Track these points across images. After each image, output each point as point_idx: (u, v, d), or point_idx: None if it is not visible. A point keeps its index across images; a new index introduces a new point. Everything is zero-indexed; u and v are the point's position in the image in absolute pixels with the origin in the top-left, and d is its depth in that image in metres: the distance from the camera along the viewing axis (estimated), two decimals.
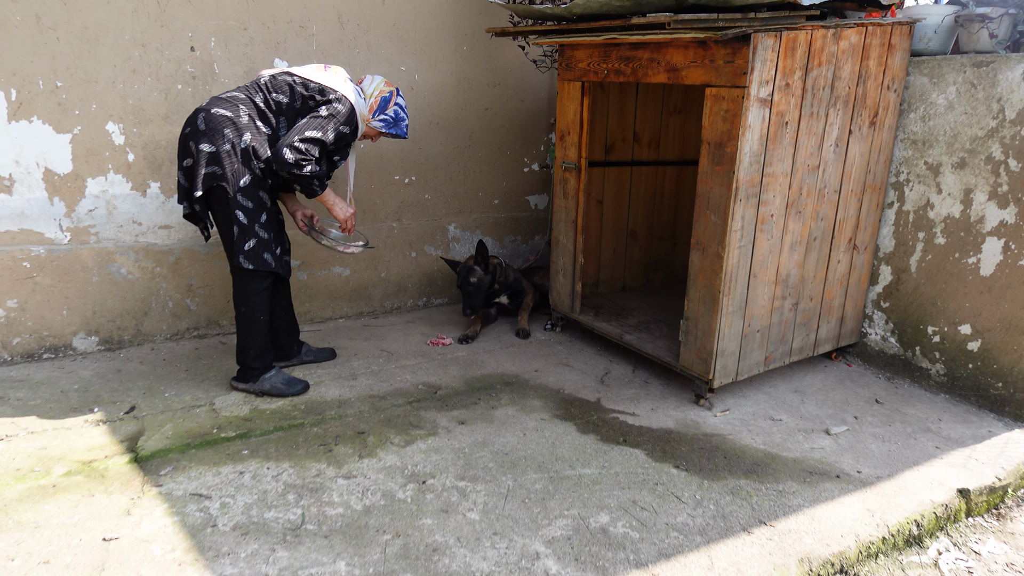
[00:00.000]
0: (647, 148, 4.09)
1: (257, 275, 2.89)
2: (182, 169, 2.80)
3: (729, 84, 2.64)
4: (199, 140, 2.73)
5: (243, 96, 2.82)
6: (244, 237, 2.81)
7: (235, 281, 2.91)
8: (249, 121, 2.79)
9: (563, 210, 3.66)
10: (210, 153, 2.73)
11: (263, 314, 2.95)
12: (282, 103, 2.85)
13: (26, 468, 2.45)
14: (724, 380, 3.02)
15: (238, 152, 2.75)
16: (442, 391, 3.17)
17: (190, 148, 2.76)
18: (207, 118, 2.74)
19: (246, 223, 2.80)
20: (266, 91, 2.85)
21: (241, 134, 2.75)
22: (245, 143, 2.76)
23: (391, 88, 3.06)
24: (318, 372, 3.31)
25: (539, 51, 4.20)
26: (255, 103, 2.82)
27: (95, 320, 3.43)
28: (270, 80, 2.87)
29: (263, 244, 2.85)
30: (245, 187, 2.77)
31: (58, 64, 3.09)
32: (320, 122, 2.80)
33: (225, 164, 2.73)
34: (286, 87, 2.86)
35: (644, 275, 4.39)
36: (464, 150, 4.21)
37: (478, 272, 3.75)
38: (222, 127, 2.73)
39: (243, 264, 2.84)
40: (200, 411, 2.90)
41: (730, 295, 2.87)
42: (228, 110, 2.76)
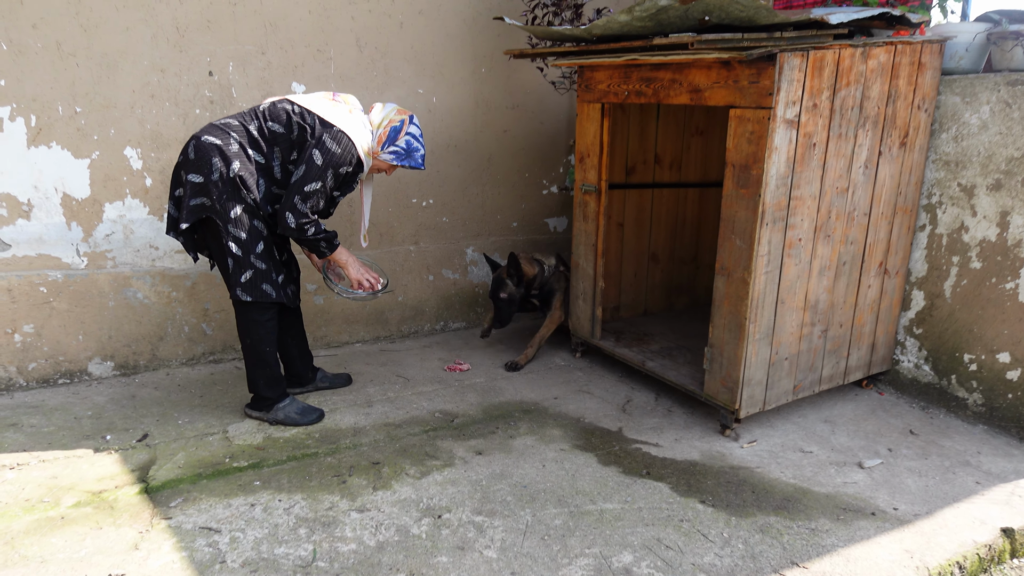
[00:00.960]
0: (669, 170, 4.03)
1: (258, 306, 2.81)
2: (172, 198, 2.74)
3: (754, 105, 2.57)
4: (188, 170, 2.66)
5: (236, 123, 2.72)
6: (240, 269, 2.73)
7: (237, 313, 2.85)
8: (239, 149, 2.68)
9: (583, 233, 3.60)
10: (197, 183, 2.65)
11: (269, 345, 2.88)
12: (277, 132, 2.73)
13: (35, 498, 2.41)
14: (751, 410, 2.92)
15: (225, 181, 2.65)
16: (459, 419, 3.09)
17: (181, 177, 2.69)
18: (197, 146, 2.66)
19: (240, 254, 2.71)
20: (262, 119, 2.75)
21: (229, 163, 2.65)
22: (233, 172, 2.64)
23: (403, 116, 2.86)
24: (333, 399, 3.26)
25: (558, 73, 4.17)
26: (248, 130, 2.72)
27: (111, 345, 3.41)
28: (269, 108, 2.77)
29: (261, 275, 2.76)
30: (236, 218, 2.68)
31: (77, 90, 3.10)
32: (318, 170, 2.66)
33: (213, 194, 2.65)
34: (283, 115, 2.73)
35: (666, 299, 4.30)
36: (482, 172, 4.17)
37: (509, 287, 3.60)
38: (210, 156, 2.64)
39: (241, 296, 2.76)
40: (213, 439, 2.86)
41: (757, 322, 2.78)
42: (218, 138, 2.66)
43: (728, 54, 2.47)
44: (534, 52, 3.34)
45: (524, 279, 3.63)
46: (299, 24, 3.45)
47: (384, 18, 3.65)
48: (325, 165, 2.67)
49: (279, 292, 2.83)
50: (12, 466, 2.62)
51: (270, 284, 2.79)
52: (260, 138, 2.73)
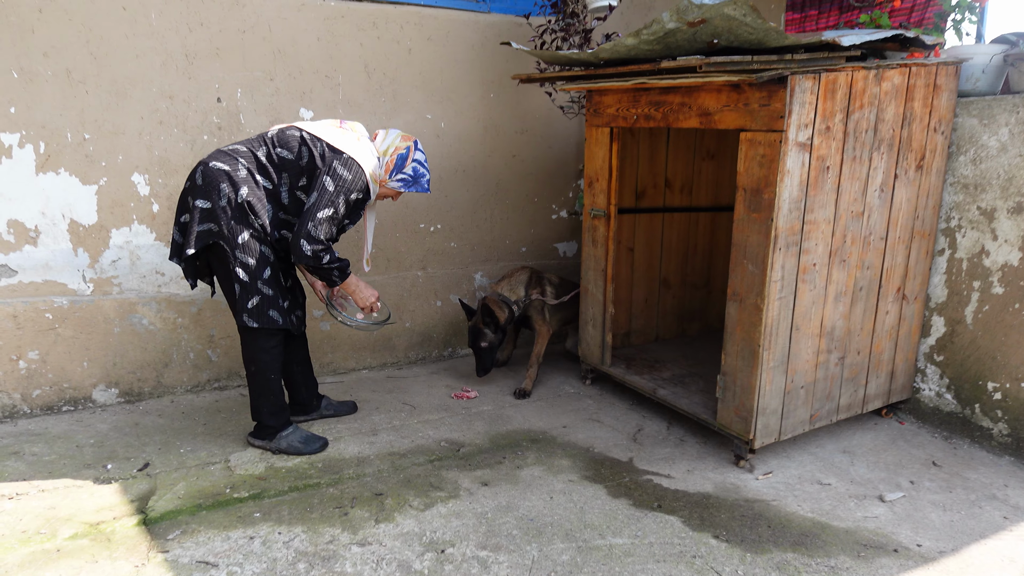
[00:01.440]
0: (679, 194, 3.98)
1: (264, 333, 2.78)
2: (178, 224, 2.72)
3: (765, 128, 2.53)
4: (196, 195, 2.64)
5: (244, 149, 2.72)
6: (247, 295, 2.70)
7: (243, 340, 2.81)
8: (248, 175, 2.67)
9: (592, 258, 3.55)
10: (205, 209, 2.64)
11: (274, 372, 2.84)
12: (286, 158, 2.72)
13: (32, 530, 2.37)
14: (766, 440, 2.83)
15: (234, 207, 2.64)
16: (465, 448, 3.02)
17: (187, 203, 2.67)
18: (205, 172, 2.65)
19: (247, 280, 2.69)
20: (270, 145, 2.74)
21: (238, 189, 2.64)
22: (242, 198, 2.64)
23: (408, 143, 2.87)
24: (338, 427, 3.20)
25: (566, 97, 4.16)
26: (256, 156, 2.71)
27: (115, 372, 3.39)
28: (277, 134, 2.76)
29: (268, 301, 2.73)
30: (244, 243, 2.66)
31: (86, 117, 3.11)
32: (330, 197, 2.65)
33: (221, 220, 2.63)
34: (293, 142, 2.72)
35: (678, 325, 4.23)
36: (491, 197, 4.15)
37: (488, 336, 3.59)
38: (218, 182, 2.63)
39: (248, 323, 2.73)
40: (214, 468, 2.80)
41: (771, 349, 2.71)
42: (226, 163, 2.66)
43: (738, 77, 2.43)
44: (542, 77, 3.32)
45: (500, 324, 3.61)
46: (307, 51, 3.47)
47: (392, 44, 3.66)
48: (337, 192, 2.66)
49: (285, 318, 2.80)
50: (11, 496, 2.58)
51: (277, 310, 2.76)
52: (268, 164, 2.71)
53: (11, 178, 3.04)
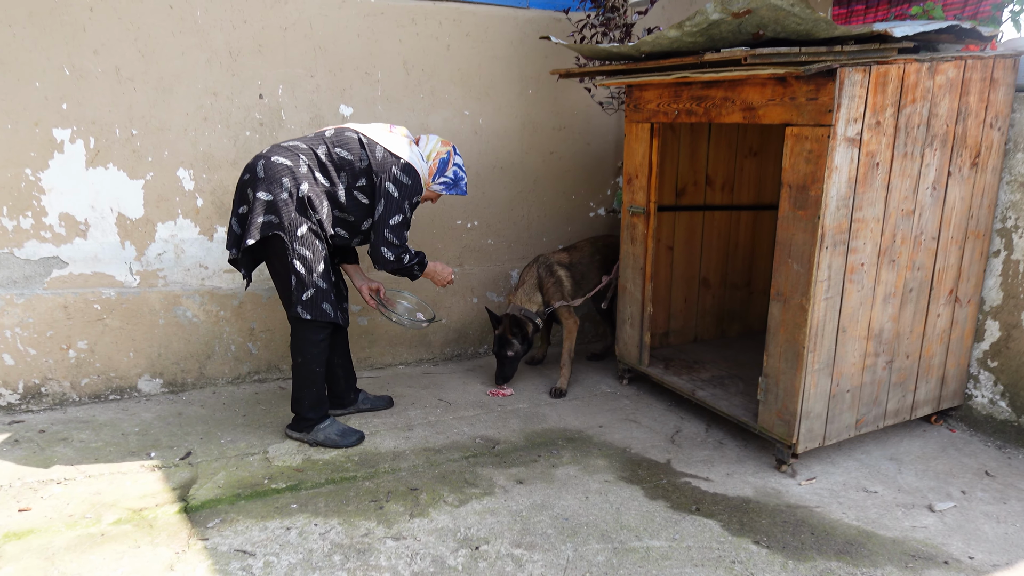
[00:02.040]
0: (720, 192, 3.91)
1: (315, 325, 2.83)
2: (236, 215, 2.79)
3: (812, 123, 2.45)
4: (257, 187, 2.71)
5: (304, 147, 2.79)
6: (303, 287, 2.77)
7: (293, 331, 2.87)
8: (308, 172, 2.75)
9: (630, 256, 3.50)
10: (267, 202, 2.70)
11: (320, 365, 2.89)
12: (344, 159, 2.79)
13: (78, 514, 2.42)
14: (809, 444, 2.75)
15: (295, 201, 2.71)
16: (500, 446, 3.01)
17: (247, 195, 2.75)
18: (267, 166, 2.72)
19: (304, 272, 2.76)
20: (329, 144, 2.81)
21: (299, 184, 2.72)
22: (303, 193, 2.72)
23: (447, 148, 3.01)
24: (374, 421, 3.22)
25: (606, 93, 4.11)
26: (316, 154, 2.78)
27: (160, 362, 3.46)
28: (335, 134, 2.84)
29: (322, 294, 2.80)
30: (303, 236, 2.73)
31: (134, 113, 3.18)
32: (397, 203, 2.79)
33: (283, 213, 2.70)
34: (352, 144, 2.80)
35: (718, 326, 4.15)
36: (528, 194, 4.12)
37: (515, 345, 3.58)
38: (280, 176, 2.71)
39: (301, 314, 2.78)
40: (253, 459, 2.84)
41: (816, 351, 2.63)
42: (288, 159, 2.73)
43: (784, 69, 2.37)
44: (581, 72, 3.29)
45: (526, 336, 3.60)
46: (348, 47, 3.49)
47: (431, 40, 3.66)
48: (402, 197, 2.79)
49: (336, 313, 2.86)
50: (59, 480, 2.65)
51: (329, 304, 2.83)
52: (328, 163, 2.79)
53: (63, 172, 3.13)
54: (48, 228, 3.15)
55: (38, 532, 2.32)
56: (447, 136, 3.81)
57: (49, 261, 3.18)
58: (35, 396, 3.27)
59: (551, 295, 3.66)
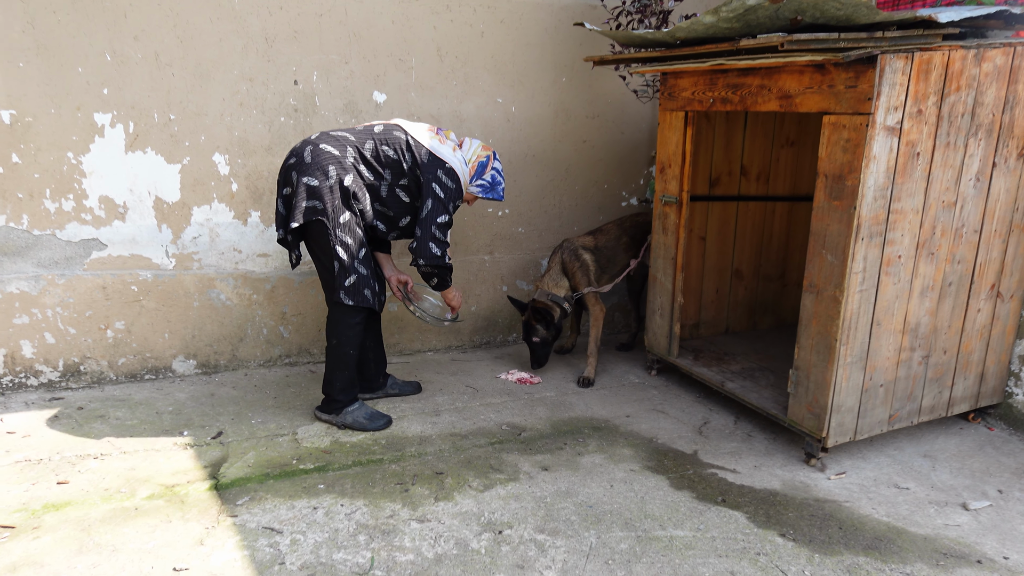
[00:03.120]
0: (755, 182, 3.86)
1: (353, 310, 2.90)
2: (282, 197, 2.86)
3: (851, 111, 2.41)
4: (302, 172, 2.77)
5: (353, 139, 2.85)
6: (345, 273, 2.82)
7: (331, 314, 2.93)
8: (353, 164, 2.82)
9: (662, 246, 3.48)
10: (311, 187, 2.75)
11: (353, 348, 2.94)
12: (391, 157, 2.86)
13: (113, 488, 2.51)
14: (840, 439, 2.72)
15: (339, 190, 2.77)
16: (526, 433, 3.03)
17: (292, 178, 2.80)
18: (314, 152, 2.78)
19: (346, 259, 2.81)
20: (377, 141, 2.87)
21: (344, 174, 2.78)
22: (346, 183, 2.78)
23: (488, 152, 3.08)
24: (402, 406, 3.26)
25: (641, 81, 4.08)
26: (363, 149, 2.84)
27: (194, 344, 3.54)
28: (383, 131, 2.91)
29: (363, 280, 2.86)
30: (345, 223, 2.79)
31: (172, 98, 3.25)
32: (442, 204, 2.86)
33: (326, 199, 2.75)
34: (399, 144, 2.88)
35: (749, 318, 4.11)
36: (560, 183, 4.12)
37: (541, 331, 3.61)
38: (327, 164, 2.77)
39: (343, 300, 2.85)
40: (283, 440, 2.90)
41: (848, 344, 2.59)
42: (336, 148, 2.80)
43: (822, 56, 2.32)
44: (616, 59, 3.27)
45: (553, 321, 3.60)
46: (382, 34, 3.52)
47: (465, 27, 3.67)
48: (447, 199, 2.88)
49: (375, 299, 2.93)
50: (96, 456, 2.74)
51: (369, 290, 2.89)
52: (373, 160, 2.86)
53: (103, 156, 3.22)
54: (88, 211, 3.25)
55: (75, 504, 2.41)
56: (479, 123, 3.82)
57: (89, 243, 3.28)
58: (74, 374, 3.37)
59: (578, 280, 3.66)
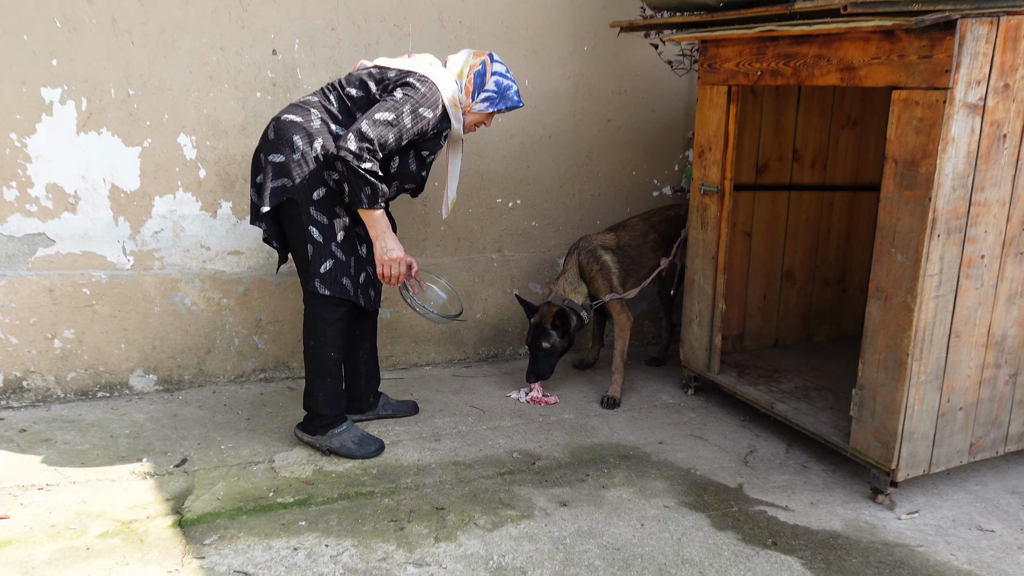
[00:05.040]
0: (810, 168, 3.86)
1: (332, 302, 2.89)
2: (254, 185, 2.88)
3: (925, 86, 2.40)
4: (268, 151, 2.80)
5: (316, 99, 2.89)
6: (320, 257, 2.83)
7: (306, 310, 2.93)
8: (322, 125, 2.83)
9: (700, 243, 3.48)
10: (277, 164, 2.78)
11: (335, 351, 2.94)
12: (356, 97, 2.87)
13: (61, 524, 2.52)
14: (912, 471, 2.70)
15: (309, 161, 2.79)
16: (542, 462, 3.02)
17: (260, 161, 2.84)
18: (276, 127, 2.81)
19: (321, 241, 2.82)
20: (339, 88, 2.90)
21: (313, 140, 2.79)
22: (317, 150, 2.79)
23: (481, 57, 2.96)
24: (396, 429, 3.26)
25: (676, 50, 4.07)
26: (328, 104, 2.87)
27: (154, 356, 3.56)
28: (345, 77, 2.93)
29: (341, 267, 2.86)
30: (319, 200, 2.80)
31: (131, 71, 3.27)
32: (394, 104, 2.73)
33: (295, 175, 2.77)
34: (361, 79, 2.89)
35: (803, 328, 4.10)
36: (580, 169, 4.12)
37: (553, 338, 3.55)
38: (291, 135, 2.78)
39: (318, 288, 2.84)
40: (257, 469, 2.91)
41: (922, 360, 2.58)
42: (299, 115, 2.82)
43: (892, 20, 2.32)
44: (647, 24, 3.27)
45: (568, 332, 3.59)
46: None
47: None
48: (404, 100, 2.75)
49: (356, 291, 2.92)
50: (41, 486, 2.75)
51: (349, 279, 2.89)
52: (342, 111, 2.88)
53: (51, 138, 3.23)
54: (34, 201, 3.27)
55: (17, 543, 2.42)
56: None
57: (34, 238, 3.30)
58: (16, 391, 3.39)
59: (598, 286, 3.65)
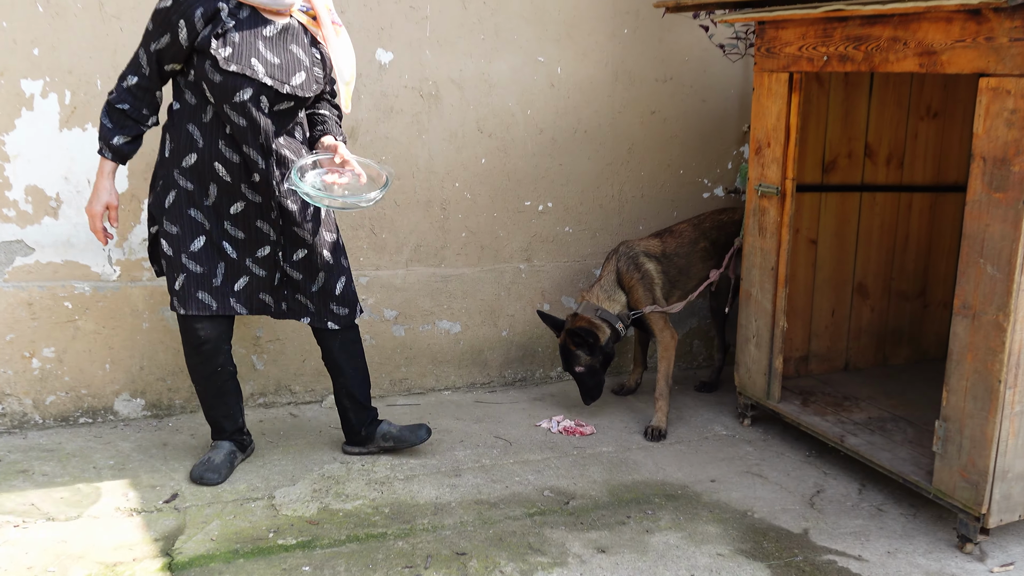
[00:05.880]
0: (885, 166, 3.85)
1: (192, 323, 2.90)
2: None
3: (1018, 72, 2.39)
4: None
5: None
6: (172, 272, 2.88)
7: None
8: (148, 112, 2.87)
9: (758, 252, 3.47)
10: None
11: (201, 381, 3.02)
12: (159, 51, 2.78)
13: (39, 567, 2.55)
14: (1006, 517, 2.67)
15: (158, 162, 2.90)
16: (576, 502, 3.02)
17: None
18: None
19: (172, 254, 2.86)
20: None
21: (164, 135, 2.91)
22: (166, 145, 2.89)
23: None
24: (410, 463, 3.28)
25: (729, 32, 4.07)
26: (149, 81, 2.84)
27: (142, 378, 3.61)
28: None
29: (195, 280, 2.86)
30: (169, 208, 2.85)
31: (119, 60, 3.32)
32: None
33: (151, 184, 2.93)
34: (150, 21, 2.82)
35: (878, 349, 4.08)
36: (620, 167, 4.13)
37: (582, 358, 3.61)
38: None
39: (176, 308, 2.89)
40: (256, 506, 2.93)
41: (1017, 386, 2.55)
42: None
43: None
44: (695, 3, 3.28)
45: (598, 346, 3.61)
46: None
47: None
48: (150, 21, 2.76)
49: (224, 301, 2.90)
50: (17, 523, 2.79)
51: (209, 291, 2.88)
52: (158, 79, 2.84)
53: (32, 134, 3.30)
54: (12, 204, 3.33)
55: None
56: (514, 89, 3.87)
57: (12, 246, 3.36)
58: None
59: (638, 296, 3.66)
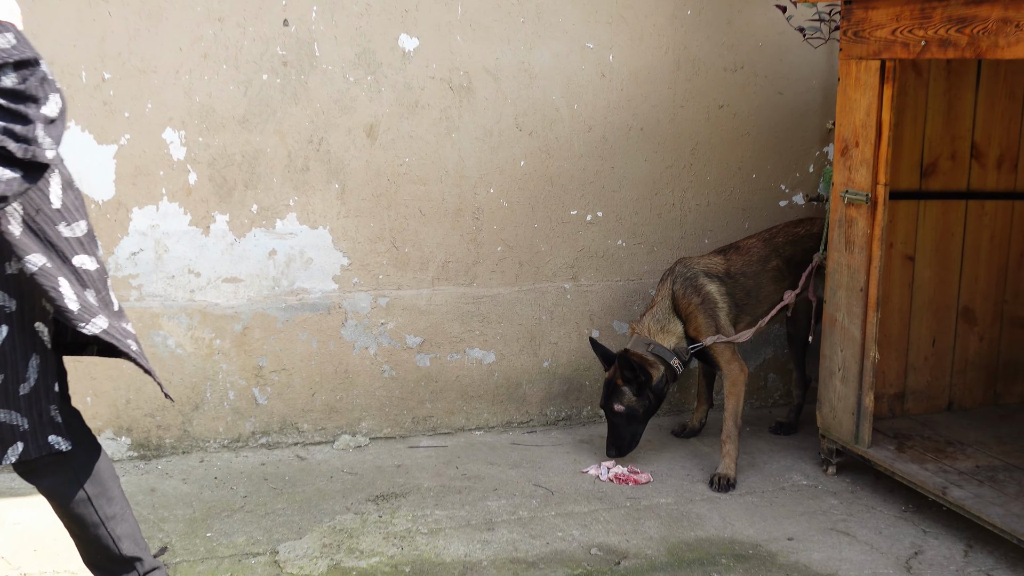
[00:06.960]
0: (996, 170, 3.83)
1: None
2: None
3: None
4: None
5: None
6: None
7: None
8: None
9: (844, 269, 3.46)
10: None
11: None
12: None
13: None
14: None
15: None
16: (629, 561, 3.02)
17: None
18: None
19: None
20: None
21: None
22: None
23: None
24: (436, 514, 3.30)
25: (810, 13, 4.07)
26: None
27: (128, 413, 3.67)
28: None
29: None
30: None
31: (107, 49, 3.43)
32: None
33: None
34: None
35: (987, 385, 4.04)
36: (681, 171, 4.13)
37: (628, 396, 3.60)
38: None
39: None
40: (256, 562, 2.96)
41: None
42: None
43: None
44: None
45: (649, 385, 3.62)
46: None
47: None
48: None
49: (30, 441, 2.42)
50: None
51: None
52: None
53: None
54: None
55: None
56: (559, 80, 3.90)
57: None
58: None
59: (698, 324, 3.66)
